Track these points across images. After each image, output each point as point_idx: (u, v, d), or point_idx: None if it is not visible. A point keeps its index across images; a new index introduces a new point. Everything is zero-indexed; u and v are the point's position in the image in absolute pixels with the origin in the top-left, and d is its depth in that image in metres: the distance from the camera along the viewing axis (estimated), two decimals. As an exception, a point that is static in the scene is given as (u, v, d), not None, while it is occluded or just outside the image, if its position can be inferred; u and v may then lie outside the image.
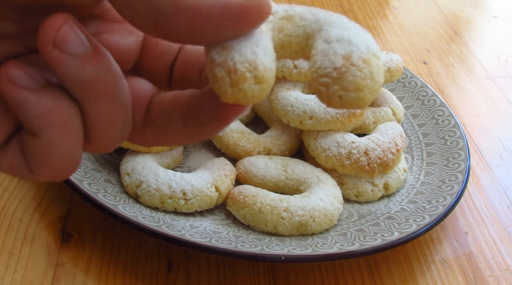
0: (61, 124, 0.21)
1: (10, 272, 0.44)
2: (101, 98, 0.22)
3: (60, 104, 0.21)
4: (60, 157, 0.22)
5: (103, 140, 0.23)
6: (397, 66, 0.62)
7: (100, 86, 0.21)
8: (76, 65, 0.21)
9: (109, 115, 0.22)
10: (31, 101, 0.21)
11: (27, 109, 0.21)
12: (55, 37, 0.20)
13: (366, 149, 0.54)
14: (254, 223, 0.49)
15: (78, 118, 0.22)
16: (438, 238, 0.53)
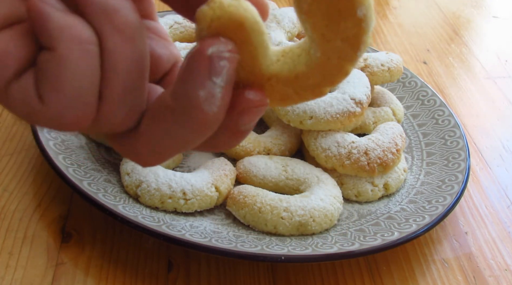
0: (80, 41, 0.21)
1: (10, 272, 0.44)
2: (118, 31, 0.22)
3: (83, 27, 0.21)
4: (73, 81, 0.21)
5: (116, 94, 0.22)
6: (397, 66, 0.62)
7: (120, 17, 0.22)
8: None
9: (124, 55, 0.22)
10: (55, 16, 0.21)
11: (49, 22, 0.21)
12: None
13: (366, 149, 0.54)
14: (254, 223, 0.49)
15: (97, 48, 0.22)
16: (438, 238, 0.53)
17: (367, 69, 0.61)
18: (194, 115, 0.22)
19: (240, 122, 0.23)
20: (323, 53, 0.23)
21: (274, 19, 0.60)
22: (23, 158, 0.55)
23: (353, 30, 0.22)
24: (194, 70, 0.22)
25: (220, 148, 0.25)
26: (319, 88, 0.24)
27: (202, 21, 0.22)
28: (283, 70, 0.23)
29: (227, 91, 0.22)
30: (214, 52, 0.21)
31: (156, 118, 0.23)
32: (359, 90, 0.56)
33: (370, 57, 0.62)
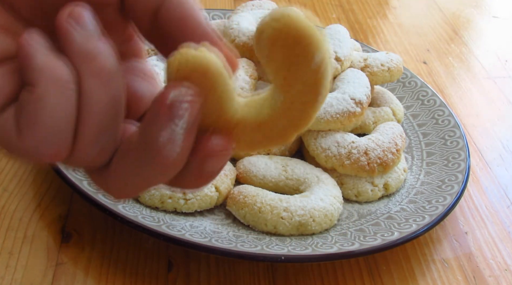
0: (59, 82, 0.23)
1: (10, 272, 0.44)
2: (95, 75, 0.23)
3: (63, 69, 0.23)
4: (50, 118, 0.23)
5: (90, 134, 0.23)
6: (397, 66, 0.62)
7: (98, 62, 0.23)
8: (81, 36, 0.23)
9: (99, 98, 0.23)
10: (39, 57, 0.23)
11: (33, 62, 0.22)
12: (72, 11, 0.23)
13: (366, 149, 0.54)
14: (254, 223, 0.49)
15: (75, 87, 0.23)
16: (438, 238, 0.53)
17: (367, 69, 0.61)
18: (156, 157, 0.23)
19: (204, 167, 0.24)
20: (286, 97, 0.23)
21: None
22: (23, 158, 0.55)
23: (312, 75, 0.22)
24: (156, 113, 0.22)
25: (187, 188, 0.25)
26: (286, 135, 0.24)
27: (170, 67, 0.22)
28: (249, 116, 0.24)
29: (188, 135, 0.23)
30: (176, 96, 0.22)
31: (124, 156, 0.24)
32: (359, 90, 0.56)
33: (370, 57, 0.62)
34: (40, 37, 0.23)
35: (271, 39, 0.22)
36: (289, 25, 0.22)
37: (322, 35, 0.22)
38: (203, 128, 0.23)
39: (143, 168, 0.23)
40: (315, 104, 0.23)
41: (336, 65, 0.58)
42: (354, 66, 0.61)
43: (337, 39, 0.60)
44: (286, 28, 0.22)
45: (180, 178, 0.24)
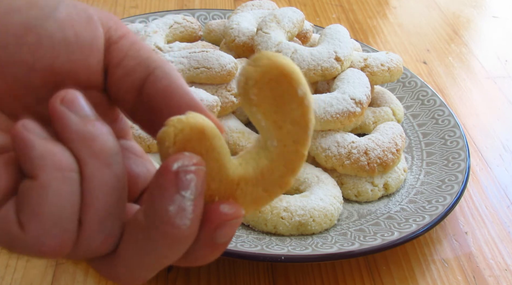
0: (60, 169, 0.22)
1: (10, 272, 0.44)
2: (95, 158, 0.23)
3: (63, 154, 0.22)
4: (54, 208, 0.22)
5: (95, 219, 0.23)
6: (397, 66, 0.62)
7: (98, 143, 0.23)
8: (76, 121, 0.22)
9: (102, 181, 0.23)
10: (38, 144, 0.22)
11: (32, 150, 0.22)
12: (65, 96, 0.23)
13: (366, 149, 0.54)
14: (254, 223, 0.49)
15: (77, 175, 0.22)
16: (438, 238, 0.53)
17: (367, 69, 0.61)
18: (167, 231, 0.22)
19: (217, 237, 0.23)
20: (279, 140, 0.24)
21: (274, 19, 0.60)
22: (23, 158, 0.55)
23: (298, 110, 0.24)
24: (162, 187, 0.22)
25: (198, 263, 0.25)
26: (284, 180, 0.25)
27: (166, 140, 0.23)
28: (248, 170, 0.24)
29: (198, 204, 0.22)
30: (180, 166, 0.22)
31: (131, 238, 0.23)
32: (359, 90, 0.56)
33: (370, 57, 0.62)
34: (34, 124, 0.22)
35: (258, 83, 0.23)
36: (272, 65, 0.23)
37: (299, 69, 0.23)
38: (207, 197, 0.24)
39: (153, 246, 0.23)
40: (306, 140, 0.24)
41: (336, 65, 0.58)
42: (354, 66, 0.61)
43: (337, 39, 0.60)
44: (270, 68, 0.23)
45: (192, 254, 0.24)
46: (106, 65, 0.26)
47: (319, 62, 0.57)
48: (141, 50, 0.26)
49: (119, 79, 0.26)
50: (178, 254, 0.23)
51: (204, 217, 0.23)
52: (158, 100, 0.25)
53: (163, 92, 0.25)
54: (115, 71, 0.26)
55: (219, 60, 0.55)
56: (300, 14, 0.63)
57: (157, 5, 0.87)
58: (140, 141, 0.51)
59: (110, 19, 0.27)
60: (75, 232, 0.23)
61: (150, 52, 0.27)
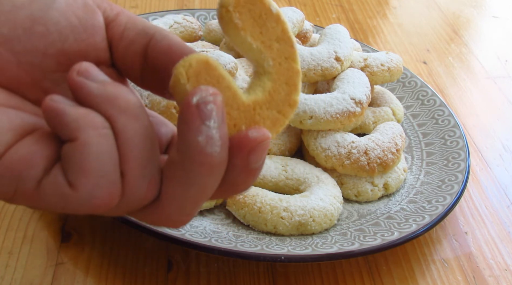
0: (95, 127, 0.24)
1: (10, 272, 0.44)
2: (123, 113, 0.24)
3: (94, 115, 0.24)
4: (97, 163, 0.24)
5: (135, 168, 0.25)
6: (397, 66, 0.62)
7: (122, 100, 0.24)
8: (96, 86, 0.24)
9: (134, 132, 0.25)
10: (69, 110, 0.24)
11: (66, 116, 0.24)
12: (79, 69, 0.24)
13: (366, 149, 0.54)
14: (254, 223, 0.49)
15: (111, 131, 0.24)
16: (438, 238, 0.53)
17: (367, 69, 0.61)
18: (202, 160, 0.24)
19: (251, 161, 0.25)
20: (273, 59, 0.26)
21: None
22: (23, 158, 0.55)
23: (278, 27, 0.26)
24: (187, 121, 0.24)
25: (239, 190, 0.27)
26: (291, 98, 0.27)
27: (180, 78, 0.24)
28: (258, 94, 0.26)
29: (222, 130, 0.24)
30: (199, 99, 0.24)
31: (171, 178, 0.25)
32: (359, 90, 0.56)
33: (370, 57, 0.62)
34: (60, 96, 0.24)
35: (237, 7, 0.25)
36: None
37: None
38: (231, 126, 0.26)
39: (192, 178, 0.24)
40: (294, 54, 0.26)
41: (336, 65, 0.58)
42: (354, 66, 0.61)
43: (337, 39, 0.60)
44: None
45: (231, 182, 0.26)
46: (109, 41, 0.29)
47: (319, 62, 0.57)
48: (137, 21, 0.29)
49: (124, 51, 0.28)
50: (216, 181, 0.25)
51: (236, 145, 0.25)
52: (162, 59, 0.28)
53: (165, 51, 0.28)
54: (119, 44, 0.28)
55: (219, 60, 0.55)
56: (300, 14, 0.63)
57: (157, 5, 0.87)
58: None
59: (103, 1, 0.29)
60: (120, 183, 0.25)
61: (146, 22, 0.29)
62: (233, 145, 0.25)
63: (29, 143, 0.24)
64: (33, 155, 0.24)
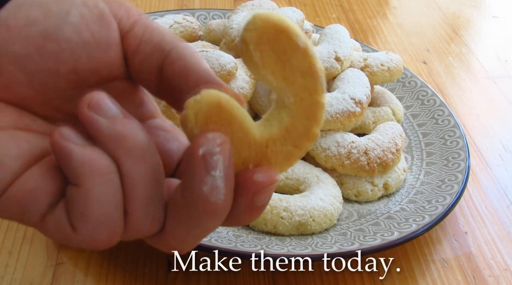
0: (101, 174, 0.24)
1: (10, 271, 0.44)
2: (130, 153, 0.24)
3: (101, 158, 0.24)
4: (100, 209, 0.24)
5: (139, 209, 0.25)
6: (397, 66, 0.62)
7: (129, 141, 0.24)
8: (107, 124, 0.24)
9: (139, 174, 0.25)
10: (77, 152, 0.24)
11: (72, 159, 0.24)
12: (90, 101, 0.24)
13: (366, 149, 0.54)
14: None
15: (117, 174, 0.24)
16: (438, 237, 0.53)
17: (367, 69, 0.61)
18: (205, 208, 0.24)
19: (256, 202, 0.25)
20: (295, 96, 0.25)
21: (274, 19, 0.60)
22: (22, 158, 0.55)
23: (304, 62, 0.24)
24: (192, 172, 0.24)
25: (242, 224, 0.27)
26: (311, 132, 0.25)
27: (188, 122, 0.24)
28: (273, 130, 0.25)
29: (228, 178, 0.24)
30: (205, 151, 0.23)
31: (174, 217, 0.26)
32: (359, 90, 0.56)
33: (370, 57, 0.62)
34: (70, 131, 0.24)
35: (258, 46, 0.23)
36: (267, 25, 0.23)
37: (293, 22, 0.24)
38: (240, 165, 0.25)
39: (195, 221, 0.25)
40: (320, 88, 0.25)
41: (336, 65, 0.58)
42: (354, 66, 0.61)
43: (337, 39, 0.60)
44: (266, 29, 0.23)
45: (235, 218, 0.26)
46: (124, 54, 0.28)
47: (319, 62, 0.57)
48: (154, 33, 0.28)
49: (139, 65, 0.28)
50: (218, 223, 0.25)
51: (241, 186, 0.25)
52: (176, 80, 0.27)
53: (179, 73, 0.27)
54: (134, 58, 0.28)
55: (219, 60, 0.55)
56: (300, 14, 0.63)
57: (157, 5, 0.87)
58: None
59: (120, 8, 0.28)
60: (122, 223, 0.25)
61: (163, 34, 0.28)
62: (238, 185, 0.25)
63: (36, 176, 0.24)
64: (39, 190, 0.24)
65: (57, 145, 0.24)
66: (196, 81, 0.26)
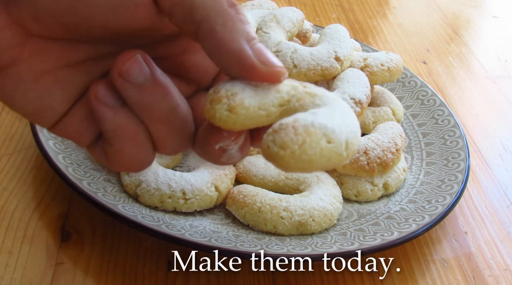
0: (130, 138, 0.27)
1: (10, 271, 0.44)
2: (157, 120, 0.27)
3: (130, 122, 0.27)
4: (131, 163, 0.28)
5: (167, 151, 0.29)
6: (397, 66, 0.62)
7: (156, 111, 0.27)
8: (135, 92, 0.27)
9: (167, 134, 0.28)
10: (108, 117, 0.27)
11: (105, 123, 0.27)
12: (121, 68, 0.26)
13: (366, 149, 0.54)
14: (253, 223, 0.49)
15: (146, 133, 0.28)
16: (438, 237, 0.53)
17: (367, 69, 0.61)
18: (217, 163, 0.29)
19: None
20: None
21: (273, 19, 0.60)
22: (22, 157, 0.55)
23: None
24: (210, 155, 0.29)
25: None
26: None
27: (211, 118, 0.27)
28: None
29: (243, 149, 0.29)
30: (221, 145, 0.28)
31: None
32: (358, 90, 0.56)
33: (370, 57, 0.62)
34: (104, 91, 0.27)
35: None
36: None
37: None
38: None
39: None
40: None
41: (336, 65, 0.58)
42: (354, 66, 0.61)
43: (337, 39, 0.60)
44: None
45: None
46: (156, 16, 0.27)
47: (319, 62, 0.57)
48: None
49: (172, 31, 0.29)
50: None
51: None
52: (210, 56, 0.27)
53: (210, 52, 0.27)
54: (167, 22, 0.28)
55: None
56: (300, 14, 0.63)
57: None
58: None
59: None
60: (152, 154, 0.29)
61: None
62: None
63: (77, 120, 0.28)
64: (81, 132, 0.29)
65: (92, 106, 0.27)
66: (228, 62, 0.26)
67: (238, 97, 0.26)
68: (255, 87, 0.27)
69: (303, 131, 0.24)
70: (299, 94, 0.27)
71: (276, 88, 0.27)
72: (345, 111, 0.26)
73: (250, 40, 0.26)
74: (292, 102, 0.27)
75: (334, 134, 0.24)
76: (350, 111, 0.27)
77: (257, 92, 0.27)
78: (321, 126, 0.24)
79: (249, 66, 0.26)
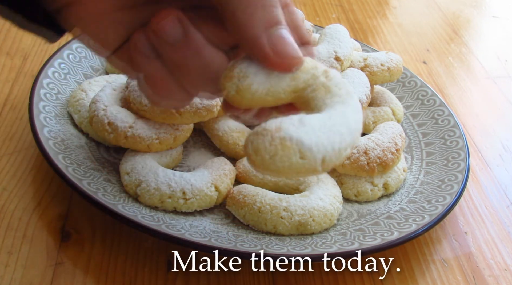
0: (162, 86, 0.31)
1: (10, 271, 0.44)
2: (187, 74, 0.30)
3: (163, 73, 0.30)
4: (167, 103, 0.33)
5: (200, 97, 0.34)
6: (397, 66, 0.62)
7: (185, 67, 0.29)
8: (168, 49, 0.29)
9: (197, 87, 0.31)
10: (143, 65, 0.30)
11: (140, 70, 0.30)
12: (156, 27, 0.29)
13: (366, 149, 0.54)
14: (253, 223, 0.49)
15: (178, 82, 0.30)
16: (438, 237, 0.53)
17: (367, 69, 0.61)
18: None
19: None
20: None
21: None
22: (22, 157, 0.55)
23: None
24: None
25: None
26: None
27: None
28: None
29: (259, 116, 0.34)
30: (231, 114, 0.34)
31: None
32: (358, 90, 0.56)
33: (370, 57, 0.62)
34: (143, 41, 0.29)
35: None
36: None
37: None
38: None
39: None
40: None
41: (336, 65, 0.58)
42: (354, 66, 0.61)
43: (337, 39, 0.60)
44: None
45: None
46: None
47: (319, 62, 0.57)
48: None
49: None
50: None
51: None
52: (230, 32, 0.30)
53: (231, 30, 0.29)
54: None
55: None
56: (300, 14, 0.63)
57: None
58: (140, 141, 0.50)
59: None
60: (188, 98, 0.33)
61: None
62: None
63: (126, 57, 0.31)
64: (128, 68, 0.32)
65: (131, 53, 0.29)
66: (244, 46, 0.29)
67: (247, 82, 0.28)
68: (270, 71, 0.27)
69: (278, 144, 0.25)
70: (316, 86, 0.28)
71: (292, 75, 0.28)
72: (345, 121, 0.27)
73: (270, 27, 0.28)
74: (307, 91, 0.28)
75: (309, 152, 0.25)
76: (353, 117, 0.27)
77: (270, 78, 0.28)
78: (298, 142, 0.25)
79: (262, 55, 0.28)
